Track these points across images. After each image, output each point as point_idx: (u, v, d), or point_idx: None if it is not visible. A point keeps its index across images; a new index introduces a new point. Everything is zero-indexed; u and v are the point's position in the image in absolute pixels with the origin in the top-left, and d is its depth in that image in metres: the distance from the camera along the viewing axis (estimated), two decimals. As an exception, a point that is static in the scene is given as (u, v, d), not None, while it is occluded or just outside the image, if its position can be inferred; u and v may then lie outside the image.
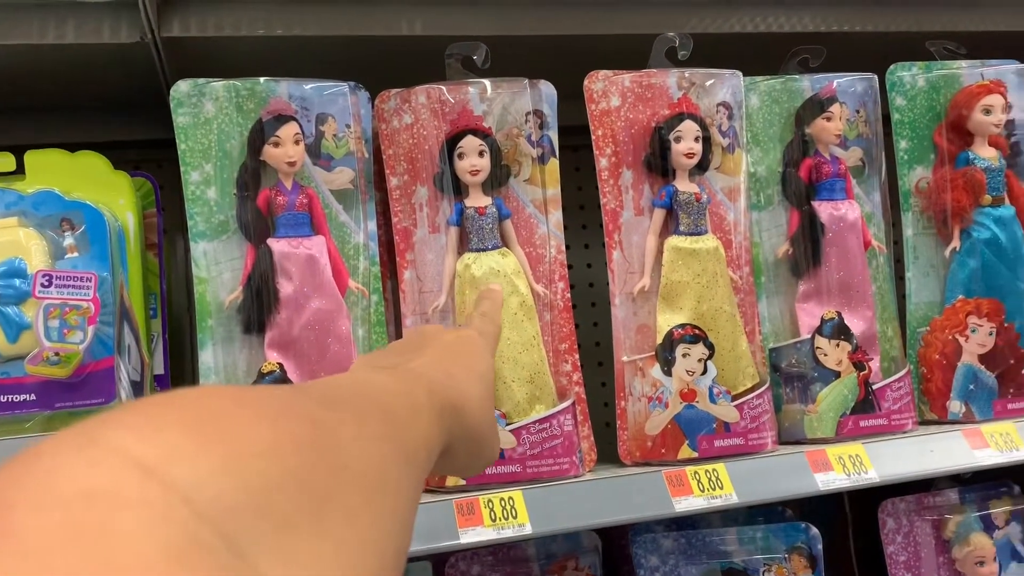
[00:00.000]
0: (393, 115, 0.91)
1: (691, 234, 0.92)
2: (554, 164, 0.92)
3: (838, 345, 0.95)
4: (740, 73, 0.97)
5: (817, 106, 0.99)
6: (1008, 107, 1.03)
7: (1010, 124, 1.06)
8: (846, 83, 1.02)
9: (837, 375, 0.94)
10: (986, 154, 1.01)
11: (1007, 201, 1.02)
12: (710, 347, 0.89)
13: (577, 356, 0.92)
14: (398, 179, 0.91)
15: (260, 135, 0.84)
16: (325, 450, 0.29)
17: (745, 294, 0.97)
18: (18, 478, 0.22)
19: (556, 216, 0.92)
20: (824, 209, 0.98)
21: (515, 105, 0.91)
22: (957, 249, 1.01)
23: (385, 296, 0.93)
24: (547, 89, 0.92)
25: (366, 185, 0.90)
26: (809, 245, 0.98)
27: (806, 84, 1.01)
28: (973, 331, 0.99)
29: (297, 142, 0.85)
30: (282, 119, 0.85)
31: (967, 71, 1.04)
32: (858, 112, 1.03)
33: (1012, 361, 0.99)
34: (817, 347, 0.95)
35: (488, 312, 0.63)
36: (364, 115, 0.90)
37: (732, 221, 0.97)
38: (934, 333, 1.01)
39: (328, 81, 0.89)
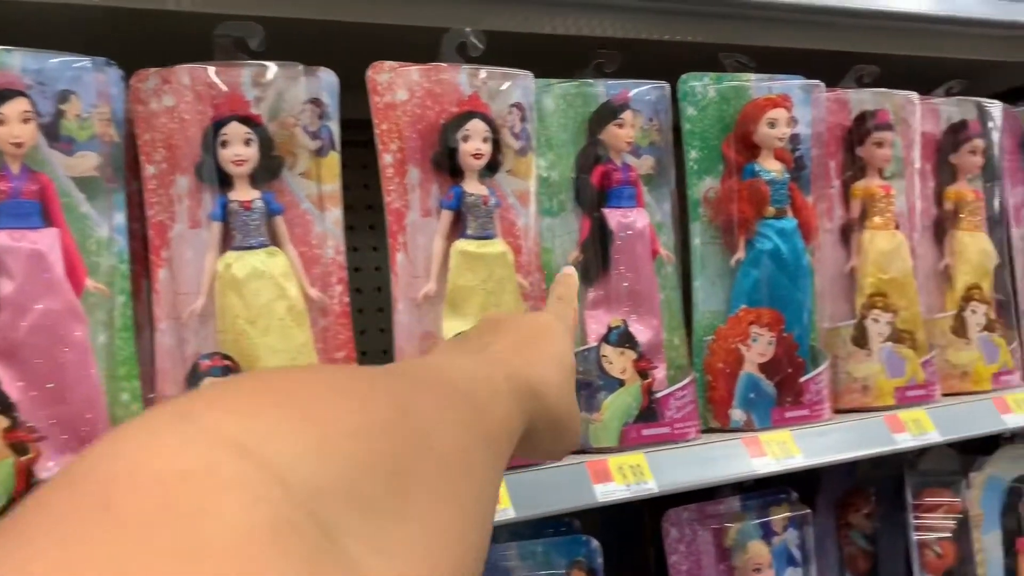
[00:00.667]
0: (151, 96, 0.83)
1: (479, 238, 0.89)
2: (334, 158, 0.88)
3: (623, 353, 0.95)
4: (531, 74, 0.96)
5: (610, 112, 0.99)
6: (793, 121, 1.08)
7: (795, 138, 1.11)
8: (640, 91, 1.03)
9: (622, 383, 0.94)
10: (771, 167, 1.05)
11: (790, 213, 1.06)
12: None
13: (356, 365, 0.88)
14: (155, 167, 0.83)
15: (-21, 112, 0.74)
16: (411, 432, 0.30)
17: (535, 300, 0.95)
18: (114, 455, 0.22)
19: (335, 214, 0.88)
20: (613, 216, 0.98)
21: (291, 93, 0.86)
22: (742, 259, 1.04)
23: (140, 297, 0.85)
24: (327, 77, 0.87)
25: (114, 173, 0.81)
26: (598, 252, 0.97)
27: (601, 90, 1.01)
28: (754, 340, 1.02)
29: (26, 120, 0.75)
30: (8, 94, 0.75)
31: (756, 84, 1.07)
32: (652, 121, 1.05)
33: (790, 370, 1.03)
34: (603, 355, 0.95)
35: (564, 296, 0.64)
36: (115, 95, 0.82)
37: (523, 226, 0.95)
38: (719, 342, 1.03)
39: (74, 55, 0.80)
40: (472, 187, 0.90)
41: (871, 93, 1.19)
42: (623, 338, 0.95)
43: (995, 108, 1.32)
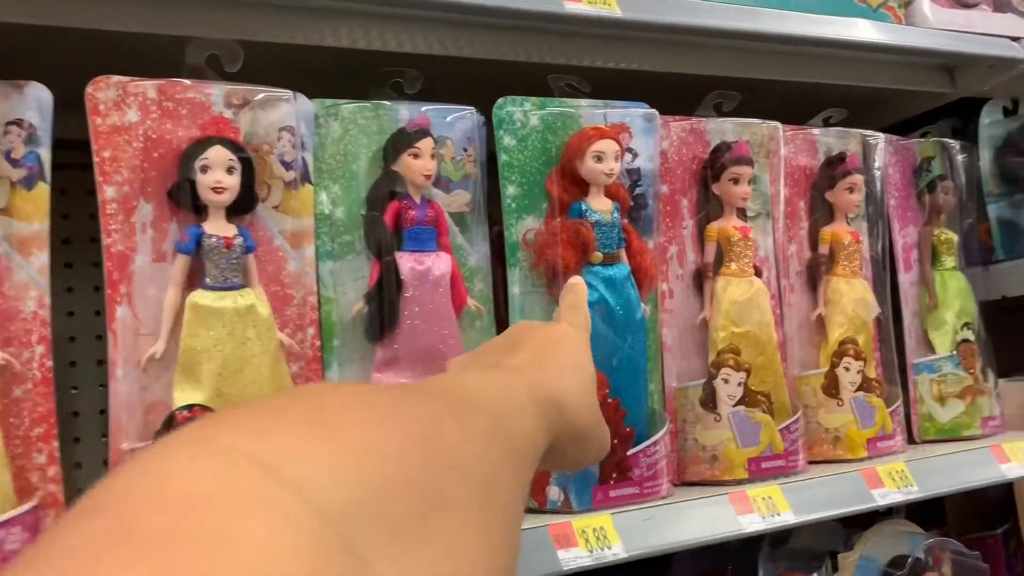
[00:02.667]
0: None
1: (219, 288, 0.77)
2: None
3: (407, 426, 0.83)
4: (303, 96, 0.84)
5: (404, 140, 0.88)
6: (626, 154, 0.98)
7: (635, 173, 1.01)
8: (450, 116, 0.92)
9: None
10: (599, 206, 0.95)
11: (623, 259, 0.96)
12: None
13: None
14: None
15: None
16: (437, 450, 0.30)
17: (307, 362, 0.83)
18: (136, 478, 0.22)
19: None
20: (406, 262, 0.87)
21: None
22: (565, 312, 0.93)
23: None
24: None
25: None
26: (387, 303, 0.86)
27: (404, 113, 0.90)
28: (575, 407, 0.91)
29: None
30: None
31: (588, 111, 0.97)
32: (466, 151, 0.94)
33: (615, 441, 0.92)
34: (383, 428, 0.83)
35: (576, 304, 0.65)
36: None
37: (293, 272, 0.84)
38: (538, 407, 0.92)
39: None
40: (214, 227, 0.78)
41: (732, 123, 1.10)
42: (407, 407, 0.84)
43: (879, 141, 1.24)
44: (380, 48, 0.90)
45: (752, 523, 0.94)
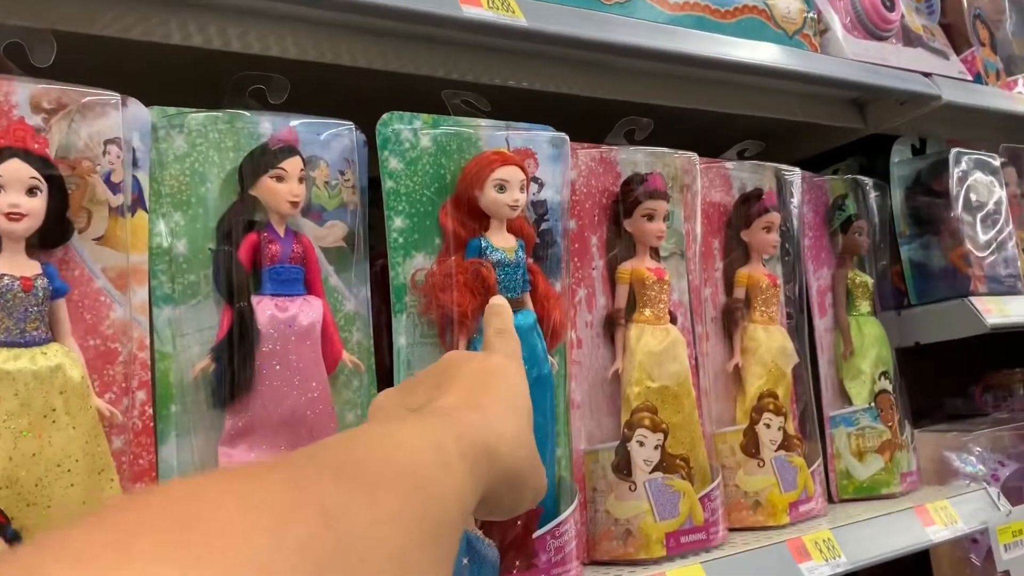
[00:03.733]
0: None
1: (12, 344, 0.60)
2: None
3: (264, 515, 0.67)
4: (137, 101, 0.69)
5: (267, 159, 0.73)
6: (531, 184, 0.86)
7: (541, 206, 0.89)
8: (324, 132, 0.78)
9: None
10: (502, 243, 0.82)
11: (528, 305, 0.83)
12: (12, 535, 0.57)
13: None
14: None
15: None
16: (338, 547, 0.27)
17: (135, 435, 0.67)
18: None
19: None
20: (265, 308, 0.71)
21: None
22: (460, 368, 0.80)
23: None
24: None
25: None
26: (240, 360, 0.70)
27: (266, 126, 0.76)
28: (471, 482, 0.77)
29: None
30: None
31: (488, 133, 0.85)
32: (343, 174, 0.80)
33: (519, 522, 0.79)
34: (232, 518, 0.67)
35: (503, 329, 0.62)
36: None
37: (120, 320, 0.67)
38: (427, 482, 0.77)
39: None
40: (7, 264, 0.61)
41: (645, 153, 1.00)
42: (264, 491, 0.68)
43: (795, 176, 1.17)
44: (240, 50, 0.75)
45: (674, 612, 0.83)
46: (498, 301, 0.68)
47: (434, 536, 0.34)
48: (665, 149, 1.01)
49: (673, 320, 0.99)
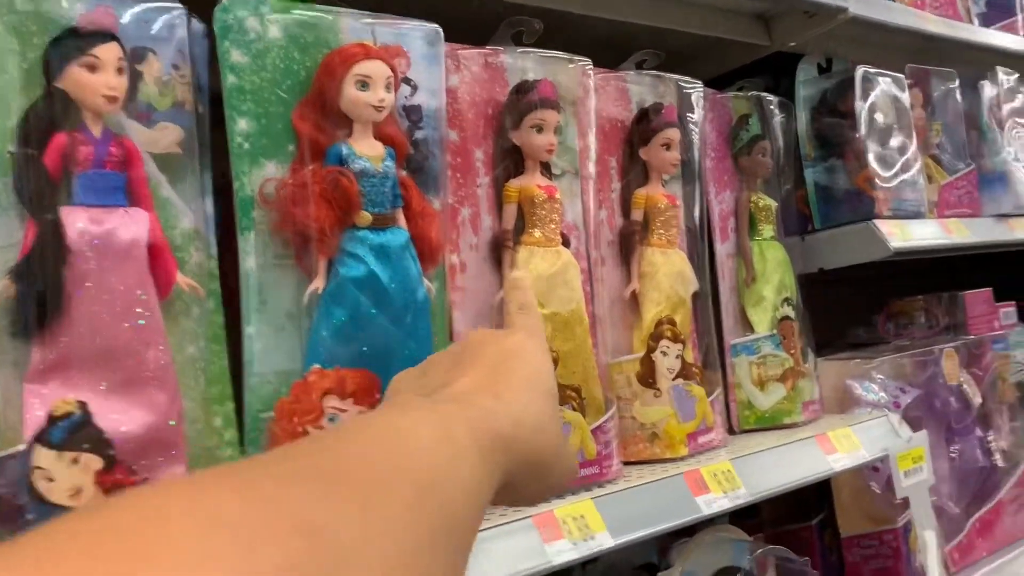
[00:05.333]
0: None
1: None
2: None
3: (76, 460, 0.58)
4: None
5: (76, 45, 0.62)
6: (403, 86, 0.77)
7: (415, 112, 0.79)
8: (154, 18, 0.67)
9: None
10: (367, 150, 0.73)
11: (399, 222, 0.74)
12: None
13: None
14: None
15: None
16: (323, 568, 0.24)
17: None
18: None
19: None
20: (75, 221, 0.60)
21: None
22: (320, 291, 0.71)
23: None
24: None
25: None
26: (47, 282, 0.59)
27: (77, 7, 0.64)
28: (333, 420, 0.69)
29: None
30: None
31: (351, 23, 0.75)
32: (177, 68, 0.69)
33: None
34: (36, 465, 0.57)
35: (526, 304, 0.59)
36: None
37: None
38: (282, 423, 0.69)
39: None
40: None
41: (536, 58, 0.92)
42: (76, 434, 0.58)
43: (696, 91, 1.10)
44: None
45: (561, 552, 0.77)
46: (519, 275, 0.66)
47: (445, 535, 0.32)
48: (558, 54, 0.93)
49: (565, 243, 0.91)
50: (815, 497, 1.33)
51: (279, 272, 0.72)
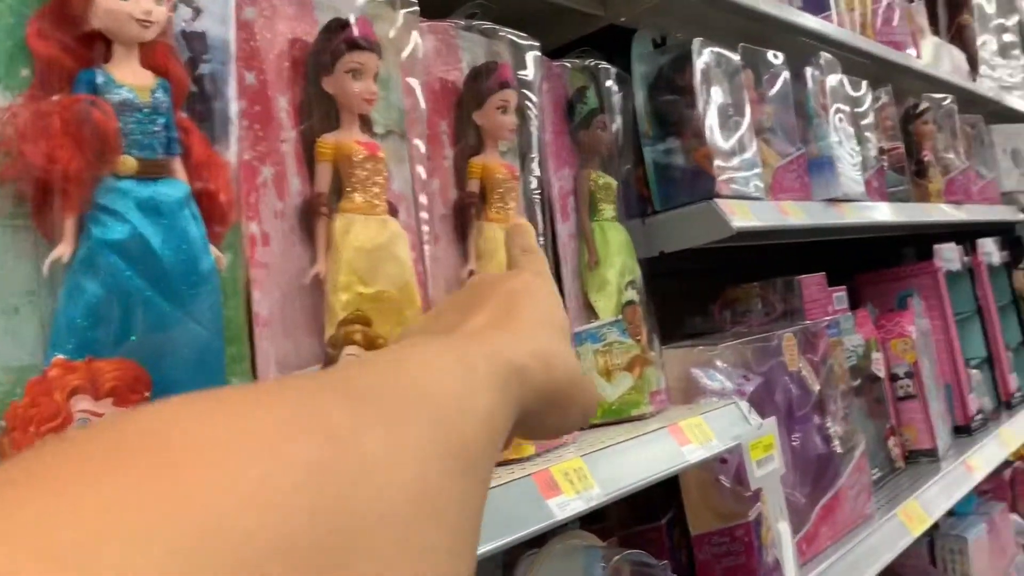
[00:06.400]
0: None
1: None
2: None
3: None
4: None
5: None
6: (179, 5, 0.61)
7: (198, 40, 0.64)
8: None
9: None
10: (131, 79, 0.56)
11: (176, 172, 0.58)
12: None
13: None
14: None
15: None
16: (346, 478, 0.24)
17: None
18: None
19: None
20: None
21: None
22: (66, 259, 0.54)
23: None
24: None
25: None
26: None
27: None
28: (85, 422, 0.52)
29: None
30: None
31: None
32: None
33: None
34: None
35: (529, 247, 0.60)
36: None
37: None
38: (17, 434, 0.51)
39: None
40: None
41: (349, -5, 0.78)
42: None
43: (533, 51, 1.00)
44: None
45: None
46: (519, 221, 0.63)
47: (461, 468, 0.31)
48: (375, -9, 0.80)
49: (393, 213, 0.78)
50: (663, 495, 1.26)
51: (9, 236, 0.54)
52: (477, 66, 0.93)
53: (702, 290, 1.59)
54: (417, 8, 0.84)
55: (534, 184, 0.98)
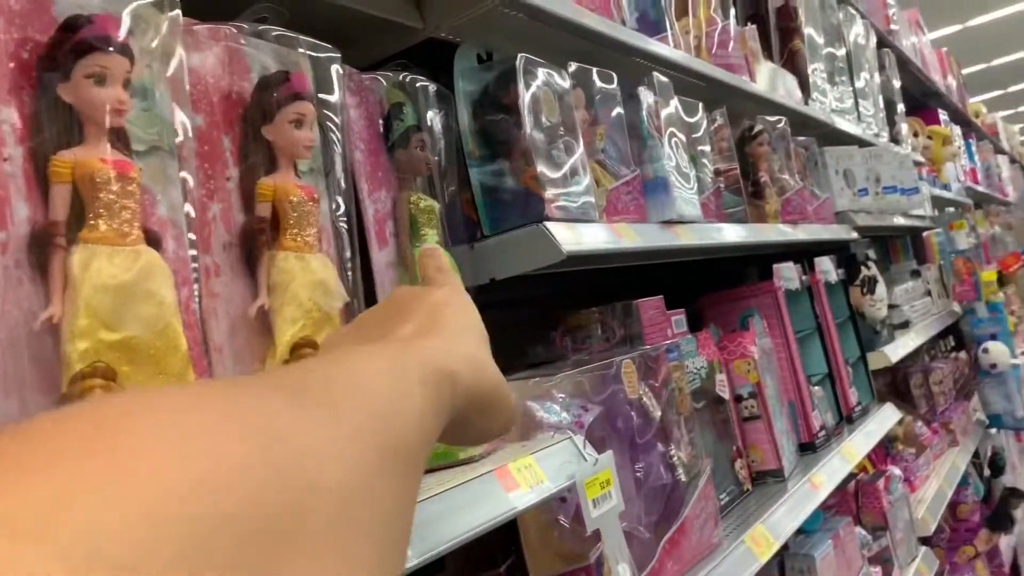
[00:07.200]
0: None
1: None
2: None
3: None
4: None
5: None
6: None
7: None
8: None
9: None
10: None
11: None
12: None
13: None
14: None
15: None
16: (283, 469, 0.25)
17: None
18: None
19: None
20: None
21: None
22: None
23: None
24: None
25: None
26: None
27: None
28: None
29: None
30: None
31: None
32: None
33: None
34: None
35: (442, 267, 0.63)
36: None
37: None
38: None
39: None
40: None
41: (99, -8, 0.66)
42: None
43: (335, 62, 0.90)
44: None
45: None
46: (431, 246, 0.64)
47: (394, 465, 0.32)
48: (128, -13, 0.68)
49: (154, 243, 0.67)
50: (502, 540, 1.17)
51: None
52: (267, 75, 0.83)
53: (542, 317, 1.53)
54: (179, 12, 0.73)
55: (340, 208, 0.88)
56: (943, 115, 4.91)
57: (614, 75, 1.43)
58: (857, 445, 2.09)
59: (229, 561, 0.21)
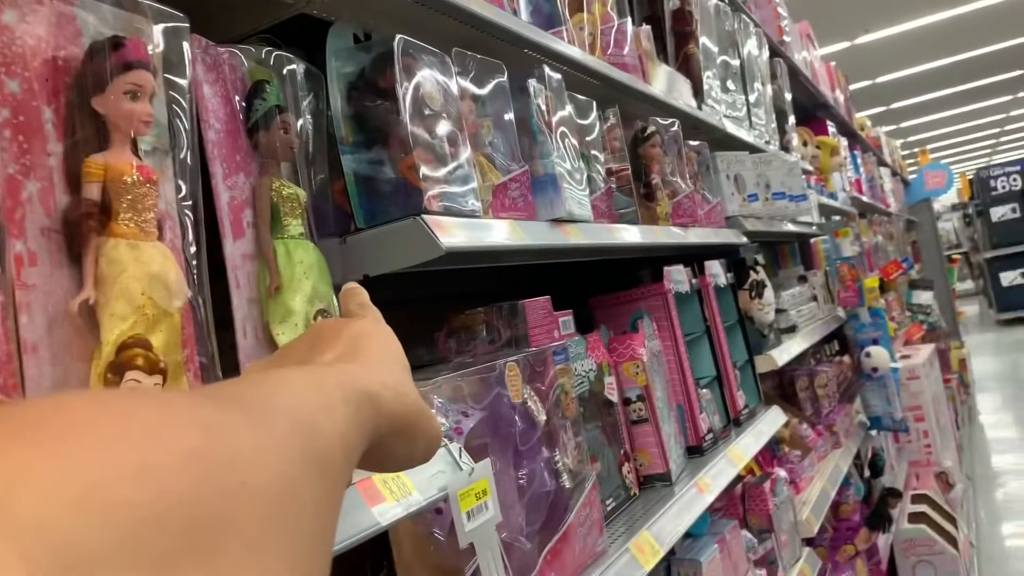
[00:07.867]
0: None
1: None
2: None
3: None
4: None
5: None
6: None
7: None
8: None
9: None
10: None
11: None
12: None
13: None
14: None
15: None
16: (217, 465, 0.26)
17: None
18: None
19: None
20: None
21: None
22: None
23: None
24: None
25: None
26: None
27: None
28: None
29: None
30: None
31: None
32: None
33: None
34: None
35: (365, 303, 0.63)
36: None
37: None
38: None
39: None
40: None
41: None
42: None
43: (182, 28, 0.81)
44: None
45: None
46: (351, 284, 0.67)
47: (319, 473, 0.33)
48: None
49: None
50: (373, 552, 1.10)
51: None
52: (98, 40, 0.73)
53: (428, 319, 1.46)
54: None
55: (183, 192, 0.79)
56: (831, 127, 5.07)
57: (503, 66, 1.37)
58: (744, 448, 2.10)
59: (171, 545, 0.22)
